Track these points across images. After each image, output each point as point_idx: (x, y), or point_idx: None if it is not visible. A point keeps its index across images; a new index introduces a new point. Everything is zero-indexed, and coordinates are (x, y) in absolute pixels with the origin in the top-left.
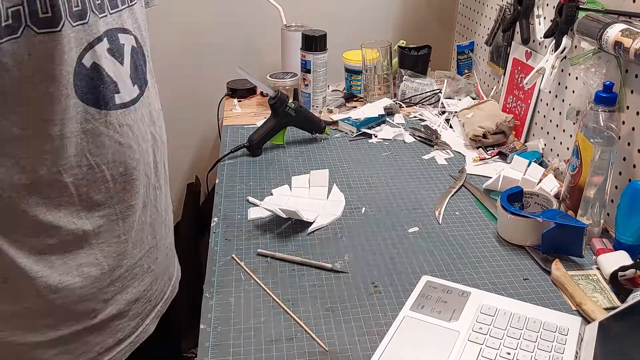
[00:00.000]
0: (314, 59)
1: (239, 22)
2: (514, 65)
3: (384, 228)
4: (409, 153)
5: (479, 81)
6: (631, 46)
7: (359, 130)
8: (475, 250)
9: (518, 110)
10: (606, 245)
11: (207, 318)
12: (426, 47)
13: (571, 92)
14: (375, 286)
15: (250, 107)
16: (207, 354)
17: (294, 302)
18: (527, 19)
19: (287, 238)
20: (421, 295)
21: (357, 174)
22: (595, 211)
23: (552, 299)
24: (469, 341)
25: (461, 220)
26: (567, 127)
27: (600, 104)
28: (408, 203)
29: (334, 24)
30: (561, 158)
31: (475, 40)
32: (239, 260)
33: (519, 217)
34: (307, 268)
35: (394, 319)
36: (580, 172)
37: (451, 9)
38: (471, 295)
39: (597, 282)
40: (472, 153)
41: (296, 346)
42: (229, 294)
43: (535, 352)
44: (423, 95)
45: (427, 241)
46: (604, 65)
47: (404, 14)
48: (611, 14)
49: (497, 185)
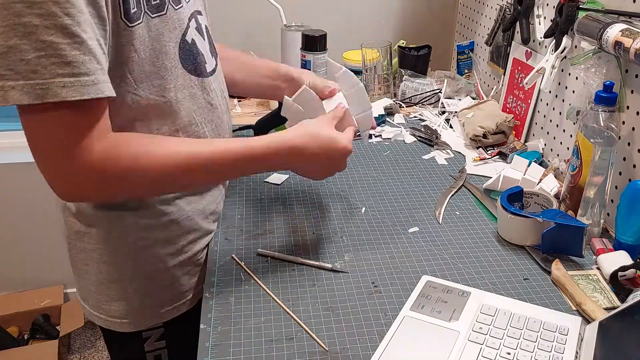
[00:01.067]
0: (314, 59)
1: (239, 22)
2: (514, 65)
3: (384, 228)
4: (409, 153)
5: (479, 81)
6: (631, 46)
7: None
8: (475, 250)
9: (518, 110)
10: (606, 245)
11: (207, 318)
12: (426, 47)
13: (571, 92)
14: (375, 286)
15: (250, 107)
16: (207, 354)
17: (294, 302)
18: (527, 18)
19: (287, 238)
20: (421, 295)
21: (357, 174)
22: (595, 211)
23: (552, 299)
24: (469, 341)
25: (461, 220)
26: (567, 127)
27: (600, 104)
28: (408, 203)
29: (334, 24)
30: (561, 158)
31: (475, 40)
32: (239, 260)
33: (519, 217)
34: (307, 268)
35: (394, 318)
36: (580, 172)
37: (451, 9)
38: (471, 295)
39: (597, 282)
40: (472, 153)
41: (296, 346)
42: (229, 294)
43: (535, 352)
44: (423, 95)
45: (427, 241)
46: (604, 65)
47: (404, 14)
48: (611, 14)
49: (497, 185)
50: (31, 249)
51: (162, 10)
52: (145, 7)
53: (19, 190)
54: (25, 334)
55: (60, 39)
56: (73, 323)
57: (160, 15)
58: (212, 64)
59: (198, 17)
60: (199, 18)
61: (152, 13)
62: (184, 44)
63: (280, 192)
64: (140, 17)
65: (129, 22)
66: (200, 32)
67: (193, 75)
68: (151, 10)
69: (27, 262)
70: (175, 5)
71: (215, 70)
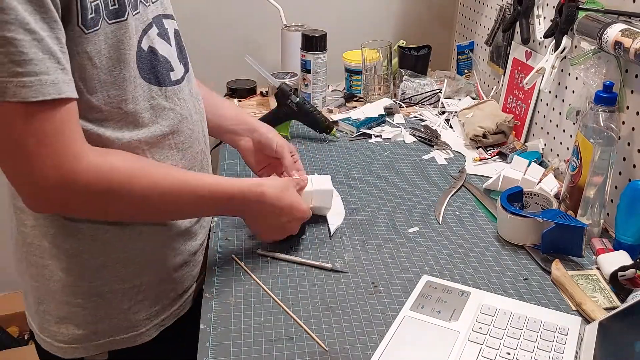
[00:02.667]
0: (314, 59)
1: (239, 22)
2: (514, 65)
3: (384, 228)
4: (409, 153)
5: (479, 81)
6: (631, 46)
7: (359, 130)
8: (475, 250)
9: (518, 110)
10: (606, 245)
11: (207, 318)
12: (426, 47)
13: (571, 92)
14: (375, 286)
15: (250, 107)
16: (207, 354)
17: (294, 302)
18: (527, 19)
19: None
20: (421, 295)
21: (357, 174)
22: (595, 211)
23: (552, 299)
24: (469, 341)
25: (461, 220)
26: (567, 127)
27: (600, 104)
28: (408, 203)
29: (334, 24)
30: (561, 158)
31: (475, 40)
32: (239, 260)
33: (519, 217)
34: (307, 268)
35: (394, 319)
36: (580, 172)
37: (451, 9)
38: (471, 295)
39: (597, 282)
40: (472, 153)
41: (296, 346)
42: (229, 294)
43: (535, 352)
44: (423, 95)
45: (427, 241)
46: (604, 65)
47: (404, 14)
48: (611, 14)
49: (497, 185)
50: None
51: (121, 16)
52: (103, 12)
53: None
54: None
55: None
56: None
57: (118, 21)
58: (180, 71)
59: (163, 22)
60: (165, 22)
61: (109, 19)
62: (140, 52)
63: None
64: (98, 24)
65: (85, 29)
66: (165, 37)
67: (154, 85)
68: (108, 16)
69: None
70: (133, 10)
71: (184, 78)
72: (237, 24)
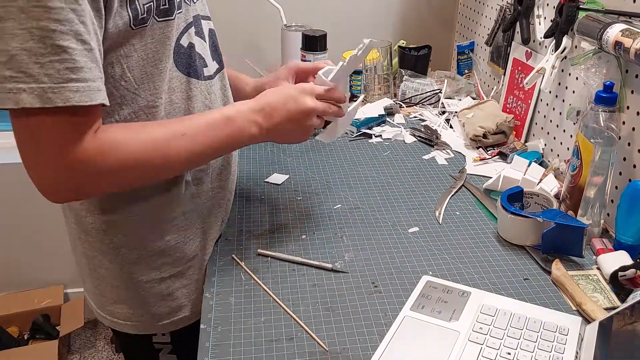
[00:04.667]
0: (314, 59)
1: (239, 22)
2: (514, 65)
3: (384, 228)
4: (409, 153)
5: (479, 81)
6: (631, 46)
7: (359, 130)
8: (475, 250)
9: (518, 110)
10: (606, 245)
11: (207, 318)
12: (426, 47)
13: (571, 92)
14: (375, 286)
15: None
16: (207, 354)
17: (294, 302)
18: (527, 19)
19: (287, 238)
20: (421, 295)
21: (357, 174)
22: (595, 211)
23: (552, 299)
24: (469, 341)
25: (461, 220)
26: (567, 127)
27: (600, 104)
28: (408, 203)
29: (334, 24)
30: (561, 158)
31: (476, 40)
32: (239, 260)
33: (519, 217)
34: (307, 268)
35: (394, 318)
36: (581, 172)
37: (451, 9)
38: (471, 295)
39: (597, 282)
40: (472, 153)
41: (296, 346)
42: (229, 294)
43: (535, 352)
44: (423, 95)
45: (427, 241)
46: (604, 65)
47: (404, 14)
48: (611, 14)
49: (497, 185)
50: (31, 249)
51: (170, 15)
52: (154, 11)
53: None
54: (25, 334)
55: (75, 45)
56: (73, 323)
57: (166, 20)
58: (214, 68)
59: (201, 22)
60: (203, 22)
61: (159, 17)
62: (178, 48)
63: (280, 192)
64: (147, 22)
65: (134, 27)
66: (201, 35)
67: (191, 78)
68: (158, 14)
69: (27, 262)
70: (179, 8)
71: (216, 74)
72: (237, 24)
